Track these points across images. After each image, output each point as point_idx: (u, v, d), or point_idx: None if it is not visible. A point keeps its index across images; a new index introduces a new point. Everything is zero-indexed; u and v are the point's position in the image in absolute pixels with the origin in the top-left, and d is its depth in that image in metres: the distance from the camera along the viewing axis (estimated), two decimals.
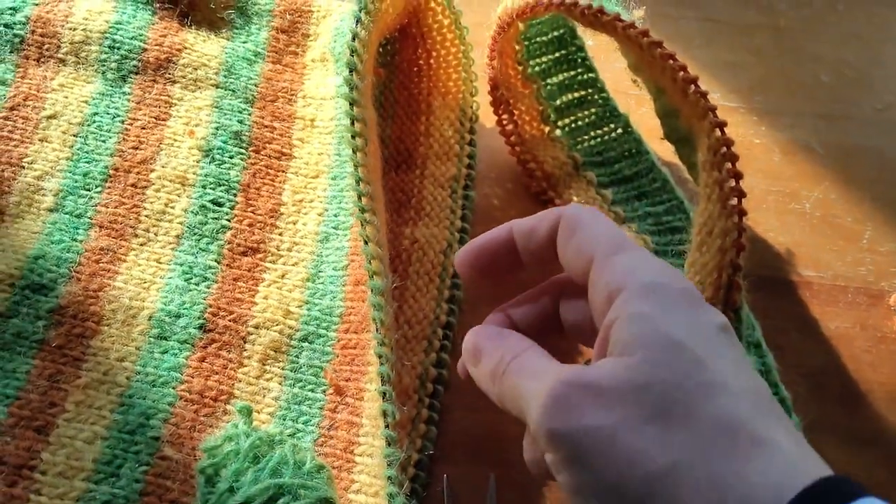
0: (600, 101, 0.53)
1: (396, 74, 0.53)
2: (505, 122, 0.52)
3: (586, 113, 0.53)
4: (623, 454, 0.27)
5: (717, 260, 0.41)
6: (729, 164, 0.40)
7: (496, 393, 0.32)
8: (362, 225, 0.41)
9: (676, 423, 0.27)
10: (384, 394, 0.38)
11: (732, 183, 0.40)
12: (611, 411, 0.27)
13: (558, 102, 0.52)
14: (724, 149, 0.40)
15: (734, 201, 0.40)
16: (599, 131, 0.53)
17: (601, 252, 0.32)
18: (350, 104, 0.41)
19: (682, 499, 0.26)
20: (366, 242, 0.40)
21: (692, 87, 0.41)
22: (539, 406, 0.28)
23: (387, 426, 0.38)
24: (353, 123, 0.42)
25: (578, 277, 0.33)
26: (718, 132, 0.40)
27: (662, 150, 0.53)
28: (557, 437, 0.28)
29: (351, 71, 0.42)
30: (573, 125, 0.52)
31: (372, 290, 0.40)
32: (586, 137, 0.53)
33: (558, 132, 0.52)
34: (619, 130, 0.53)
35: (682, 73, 0.41)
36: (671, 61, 0.41)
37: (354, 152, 0.42)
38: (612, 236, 0.32)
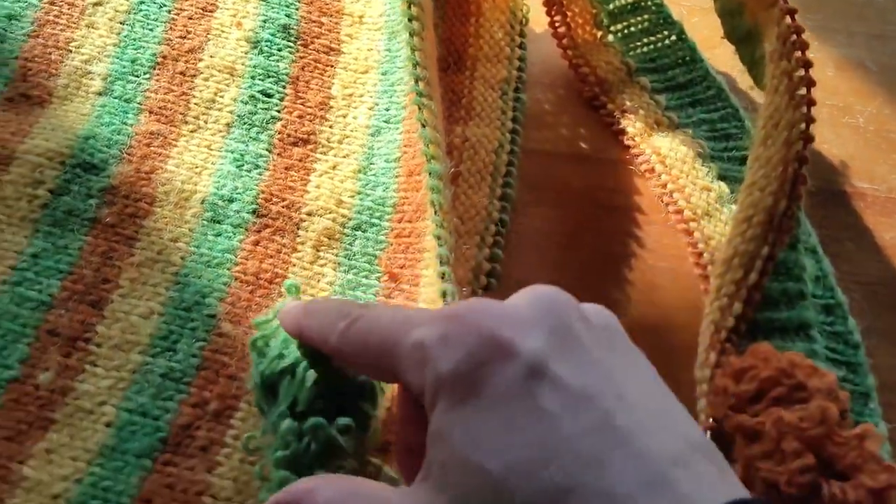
0: (654, 7, 0.52)
1: None
2: (557, 25, 0.51)
3: (640, 19, 0.52)
4: None
5: (783, 153, 0.40)
6: (799, 53, 0.39)
7: None
8: (420, 109, 0.40)
9: None
10: (443, 274, 0.37)
11: (802, 72, 0.39)
12: None
13: (611, 7, 0.51)
14: (794, 36, 0.39)
15: (803, 91, 0.39)
16: (653, 38, 0.52)
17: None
18: None
19: None
20: (423, 126, 0.40)
21: None
22: None
23: (445, 305, 0.37)
24: (409, 7, 0.41)
25: None
26: (788, 19, 0.40)
27: (715, 59, 0.52)
28: None
29: None
30: (626, 31, 0.51)
31: (430, 174, 0.39)
32: (639, 43, 0.52)
33: (611, 37, 0.51)
34: (673, 37, 0.52)
35: None
36: None
37: (411, 36, 0.41)
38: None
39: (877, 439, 0.34)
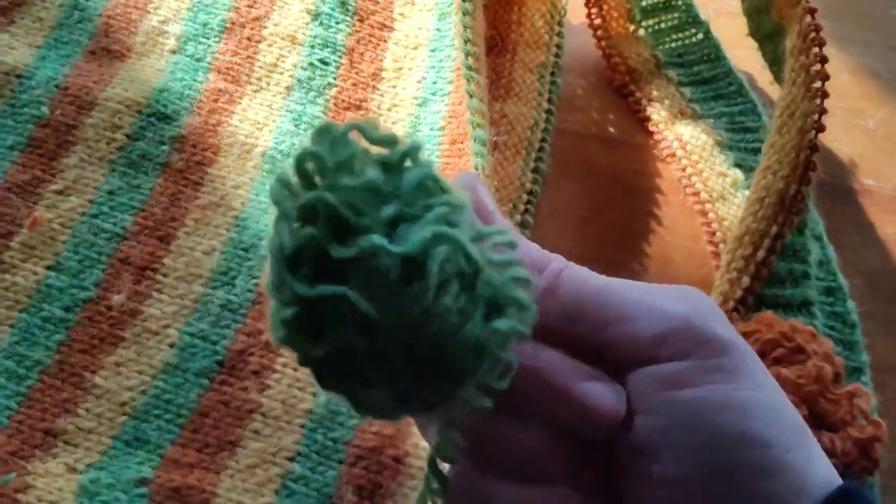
0: (683, 6, 0.55)
1: None
2: (594, 17, 0.54)
3: (670, 16, 0.55)
4: None
5: (797, 140, 0.44)
6: (817, 49, 0.43)
7: None
8: (468, 81, 0.44)
9: None
10: None
11: (818, 67, 0.43)
12: None
13: (644, 3, 0.55)
14: (814, 33, 0.43)
15: (818, 84, 0.43)
16: (681, 34, 0.55)
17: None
18: None
19: None
20: (471, 97, 0.44)
21: None
22: None
23: None
24: None
25: None
26: (809, 17, 0.43)
27: (737, 59, 0.56)
28: None
29: None
30: (657, 26, 0.55)
31: (475, 140, 0.43)
32: (668, 39, 0.55)
33: (642, 32, 0.55)
34: (700, 35, 0.55)
35: None
36: None
37: (464, 14, 0.45)
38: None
39: (866, 397, 0.37)
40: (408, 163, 0.22)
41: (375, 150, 0.22)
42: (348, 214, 0.20)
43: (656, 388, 0.24)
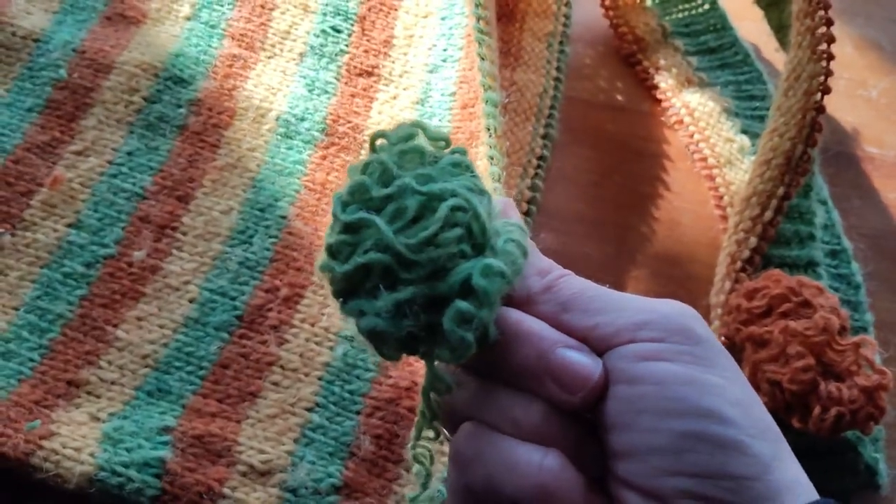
0: None
1: None
2: None
3: None
4: None
5: (803, 102, 0.44)
6: (822, 12, 0.44)
7: (497, 481, 0.26)
8: (479, 44, 0.44)
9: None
10: (494, 190, 0.42)
11: (824, 29, 0.44)
12: None
13: None
14: None
15: (823, 46, 0.44)
16: (688, 4, 0.56)
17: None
18: None
19: None
20: (482, 59, 0.44)
21: None
22: None
23: None
24: None
25: None
26: None
27: (743, 30, 0.57)
28: None
29: None
30: None
31: (486, 102, 0.44)
32: (675, 10, 0.56)
33: (650, 2, 0.56)
34: (707, 6, 0.56)
35: None
36: None
37: None
38: None
39: (871, 347, 0.38)
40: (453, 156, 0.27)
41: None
42: (393, 167, 0.26)
43: (633, 360, 0.26)
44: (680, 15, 0.56)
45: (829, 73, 0.43)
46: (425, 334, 0.25)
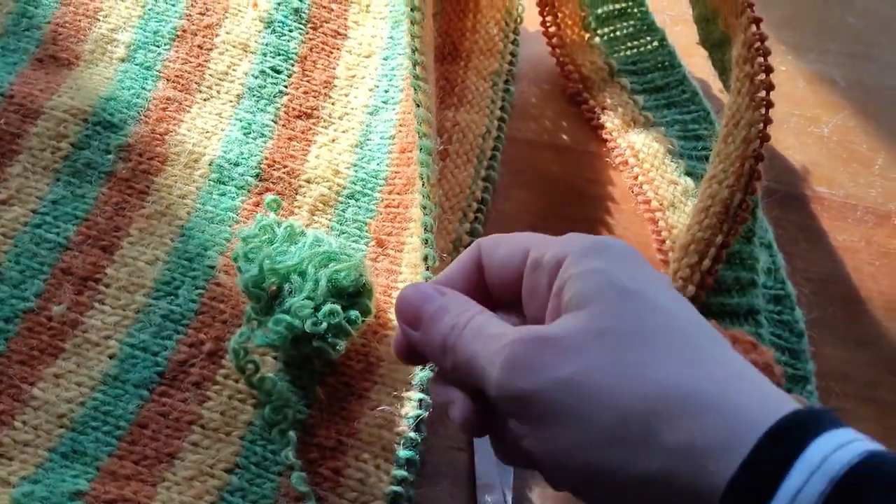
0: (639, 14, 0.56)
1: None
2: (548, 25, 0.55)
3: (625, 24, 0.56)
4: (595, 400, 0.26)
5: (742, 150, 0.44)
6: (761, 59, 0.43)
7: (448, 363, 0.30)
8: (416, 91, 0.44)
9: (642, 364, 0.26)
10: (426, 240, 0.41)
11: (763, 76, 0.43)
12: (574, 362, 0.26)
13: (600, 11, 0.55)
14: (758, 43, 0.43)
15: (762, 94, 0.43)
16: (636, 42, 0.55)
17: (535, 242, 0.31)
18: None
19: (662, 429, 0.25)
20: (418, 106, 0.44)
21: None
22: (500, 369, 0.27)
23: (427, 269, 0.41)
24: None
25: (508, 283, 0.31)
26: (754, 27, 0.43)
27: (693, 66, 0.56)
28: (526, 398, 0.27)
29: None
30: (612, 34, 0.55)
31: (421, 150, 0.43)
32: (623, 47, 0.55)
33: (597, 40, 0.55)
34: (655, 43, 0.56)
35: None
36: None
37: (412, 24, 0.45)
38: (536, 235, 0.32)
39: (802, 404, 0.38)
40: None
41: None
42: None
43: (573, 262, 0.29)
44: (628, 52, 0.55)
45: (767, 121, 0.43)
46: None
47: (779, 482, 0.24)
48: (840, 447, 0.24)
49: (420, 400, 0.39)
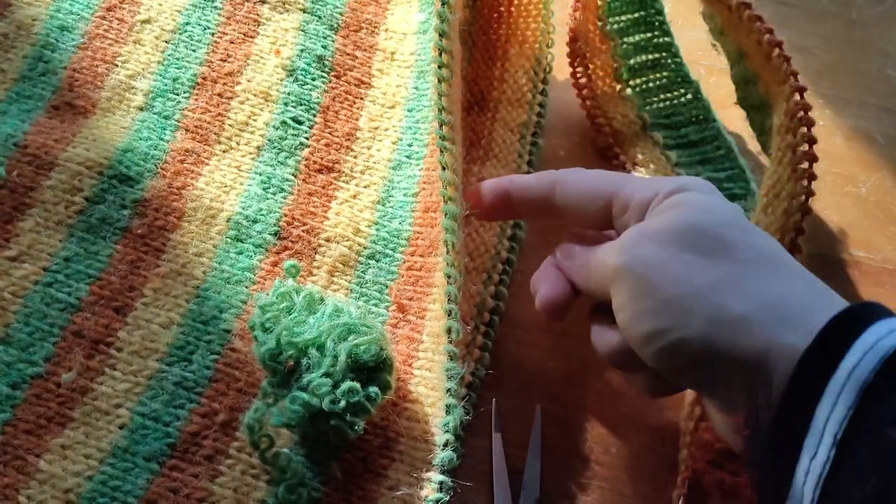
0: (673, 65, 0.54)
1: (477, 19, 0.54)
2: (579, 76, 0.53)
3: (659, 75, 0.54)
4: (671, 276, 0.33)
5: (782, 222, 0.42)
6: (804, 129, 0.41)
7: (587, 278, 0.38)
8: (441, 152, 0.42)
9: (718, 255, 0.33)
10: (450, 312, 0.40)
11: (806, 147, 0.41)
12: (662, 247, 0.34)
13: (632, 62, 0.53)
14: (802, 113, 0.41)
15: (805, 165, 0.41)
16: (670, 94, 0.54)
17: (616, 185, 0.39)
18: (440, 35, 0.43)
19: (724, 307, 0.32)
20: (444, 168, 0.42)
21: (776, 50, 0.42)
22: (615, 253, 0.36)
23: (450, 342, 0.39)
24: (440, 54, 0.43)
25: (582, 220, 0.40)
26: (798, 96, 0.42)
27: (728, 120, 0.54)
28: (623, 269, 0.35)
29: (443, 3, 0.43)
30: (645, 86, 0.54)
31: (446, 215, 0.41)
32: (656, 99, 0.54)
33: (629, 91, 0.54)
34: (690, 96, 0.54)
35: (767, 35, 0.42)
36: (758, 23, 0.42)
37: (440, 82, 0.43)
38: (610, 176, 0.40)
39: None
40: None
41: None
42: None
43: (664, 196, 0.36)
44: (661, 105, 0.54)
45: (810, 194, 0.41)
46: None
47: (839, 359, 0.29)
48: (891, 332, 0.29)
49: (441, 482, 0.38)
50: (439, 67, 0.43)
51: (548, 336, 0.46)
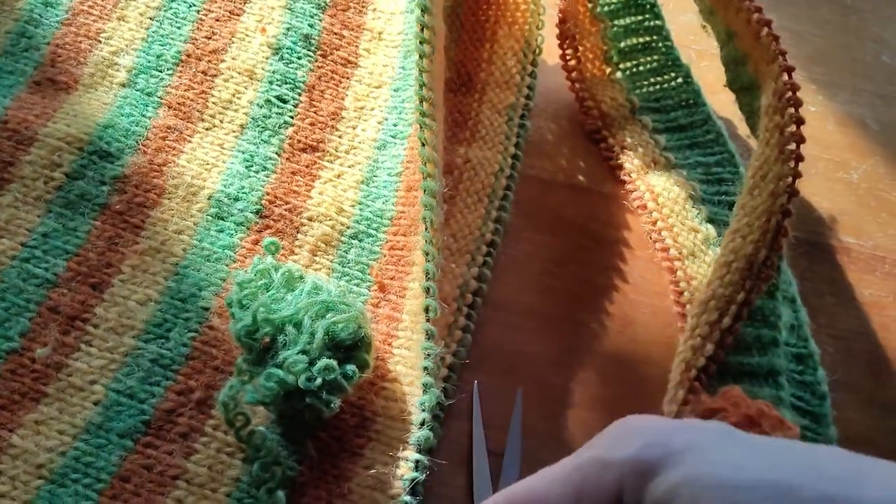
0: (664, 49, 0.53)
1: (465, 0, 0.54)
2: (568, 58, 0.52)
3: (649, 59, 0.53)
4: None
5: (768, 204, 0.41)
6: (792, 110, 0.41)
7: None
8: (421, 128, 0.42)
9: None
10: (428, 289, 0.39)
11: (793, 128, 0.41)
12: None
13: (623, 45, 0.53)
14: (790, 93, 0.41)
15: (792, 146, 0.41)
16: (660, 78, 0.53)
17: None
18: (422, 11, 0.42)
19: None
20: (423, 145, 0.41)
21: (766, 29, 0.41)
22: None
23: (427, 320, 0.39)
24: (422, 30, 0.42)
25: None
26: (786, 76, 0.41)
27: (718, 104, 0.54)
28: None
29: None
30: (635, 69, 0.53)
31: (425, 191, 0.41)
32: (646, 83, 0.53)
33: (619, 74, 0.53)
34: (679, 80, 0.53)
35: (756, 14, 0.41)
36: (747, 2, 0.42)
37: (421, 58, 0.42)
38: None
39: None
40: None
41: None
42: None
43: None
44: (650, 89, 0.53)
45: (797, 175, 0.40)
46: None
47: None
48: None
49: (417, 461, 0.37)
50: (421, 43, 0.42)
51: (531, 319, 0.46)
